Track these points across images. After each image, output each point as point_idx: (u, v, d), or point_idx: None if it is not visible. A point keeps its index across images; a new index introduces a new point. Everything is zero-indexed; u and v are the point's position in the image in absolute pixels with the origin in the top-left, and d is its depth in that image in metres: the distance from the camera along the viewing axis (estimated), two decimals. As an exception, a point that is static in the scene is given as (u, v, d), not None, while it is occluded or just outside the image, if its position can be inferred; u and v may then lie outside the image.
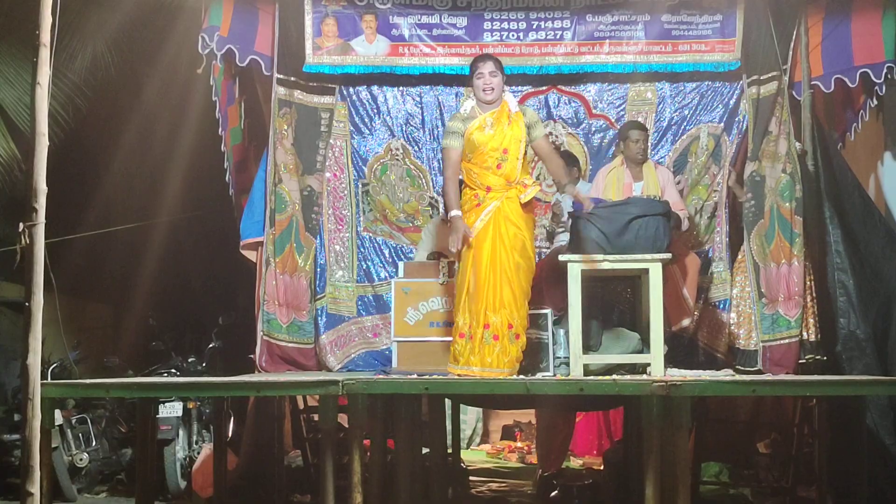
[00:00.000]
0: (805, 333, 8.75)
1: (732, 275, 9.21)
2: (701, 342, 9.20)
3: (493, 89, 7.71)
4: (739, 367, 8.80)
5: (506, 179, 7.61)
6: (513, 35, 9.32)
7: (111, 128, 11.67)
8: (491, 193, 7.60)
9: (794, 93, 9.10)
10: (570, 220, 8.14)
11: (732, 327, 9.11)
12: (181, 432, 10.22)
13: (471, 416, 13.89)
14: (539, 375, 7.75)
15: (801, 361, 8.67)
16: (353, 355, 9.32)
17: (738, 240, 9.29)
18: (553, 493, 9.34)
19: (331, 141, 9.56)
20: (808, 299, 8.80)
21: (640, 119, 9.40)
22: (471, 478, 10.80)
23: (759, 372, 8.67)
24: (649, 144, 9.28)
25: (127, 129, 11.63)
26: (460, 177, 7.79)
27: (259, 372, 8.98)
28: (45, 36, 6.20)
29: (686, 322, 8.77)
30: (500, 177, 7.61)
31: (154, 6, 9.55)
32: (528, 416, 13.56)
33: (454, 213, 7.59)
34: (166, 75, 10.57)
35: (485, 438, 14.24)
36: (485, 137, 7.63)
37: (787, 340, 8.78)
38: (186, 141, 10.80)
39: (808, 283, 8.83)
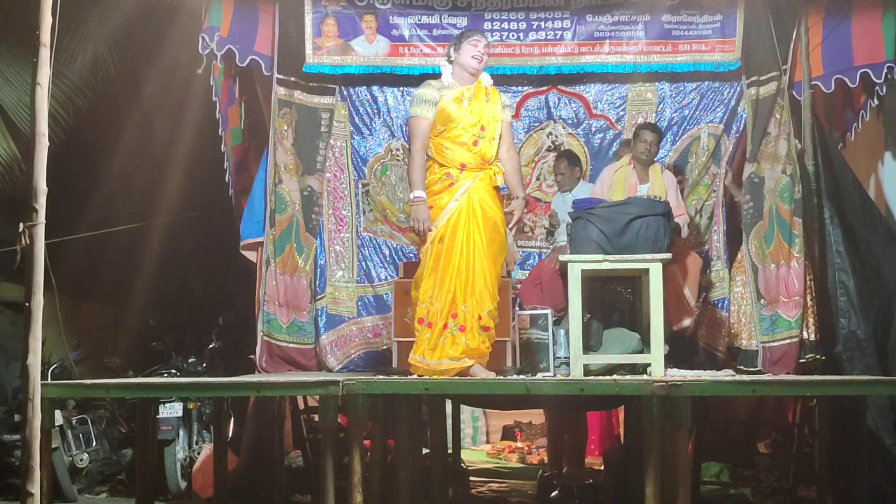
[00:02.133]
0: (805, 333, 8.75)
1: (732, 274, 9.22)
2: (701, 342, 9.20)
3: (482, 61, 7.45)
4: (741, 367, 8.81)
5: (481, 158, 7.36)
6: (513, 35, 9.32)
7: (111, 128, 11.68)
8: (465, 172, 7.34)
9: (794, 93, 9.11)
10: (571, 222, 8.12)
11: (733, 327, 9.12)
12: (181, 432, 10.21)
13: (467, 414, 13.88)
14: (539, 375, 7.75)
15: (801, 361, 8.67)
16: (353, 355, 9.33)
17: (736, 239, 9.30)
18: (553, 494, 9.33)
19: (331, 141, 9.56)
20: (808, 299, 8.80)
21: (640, 119, 9.46)
22: (471, 478, 10.79)
23: (760, 372, 8.68)
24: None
25: (127, 130, 11.64)
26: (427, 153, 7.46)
27: (259, 372, 8.99)
28: (45, 36, 6.19)
29: (687, 322, 8.77)
30: (476, 155, 7.34)
31: (154, 6, 9.56)
32: (528, 416, 13.56)
33: (418, 193, 7.30)
34: (166, 76, 10.58)
35: (490, 437, 14.22)
36: (462, 111, 7.37)
37: (787, 341, 8.79)
38: (186, 141, 10.81)
39: (808, 283, 8.83)
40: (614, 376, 7.38)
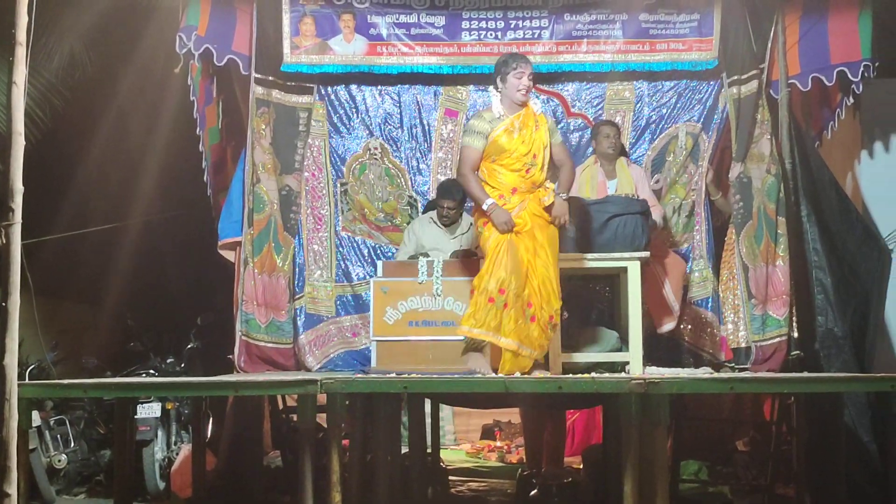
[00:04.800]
0: (792, 331, 8.81)
1: (719, 273, 9.24)
2: (684, 341, 9.21)
3: (528, 91, 7.62)
4: (735, 366, 8.82)
5: (532, 183, 7.52)
6: (491, 34, 9.32)
7: (88, 127, 11.61)
8: (516, 195, 7.49)
9: (771, 91, 9.15)
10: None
11: (722, 325, 9.13)
12: (160, 433, 10.17)
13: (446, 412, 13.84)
14: (517, 374, 7.75)
15: (788, 358, 8.73)
16: (331, 355, 9.30)
17: (717, 238, 9.32)
18: (532, 492, 9.34)
19: (309, 140, 9.54)
20: (793, 297, 8.85)
21: (617, 118, 9.46)
22: (450, 477, 10.78)
23: (745, 369, 8.71)
24: (627, 142, 9.34)
25: (104, 129, 11.57)
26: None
27: (238, 372, 8.97)
28: (21, 35, 6.16)
29: (670, 325, 8.76)
30: (528, 181, 7.50)
31: (131, 6, 9.52)
32: (507, 415, 13.56)
33: (490, 201, 7.47)
34: (144, 75, 10.53)
35: (462, 437, 14.16)
36: (514, 142, 7.51)
37: (776, 339, 8.88)
38: (164, 140, 10.77)
39: (792, 281, 8.88)
40: (592, 374, 7.38)
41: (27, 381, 8.66)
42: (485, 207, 7.49)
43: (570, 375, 7.40)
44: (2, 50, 6.79)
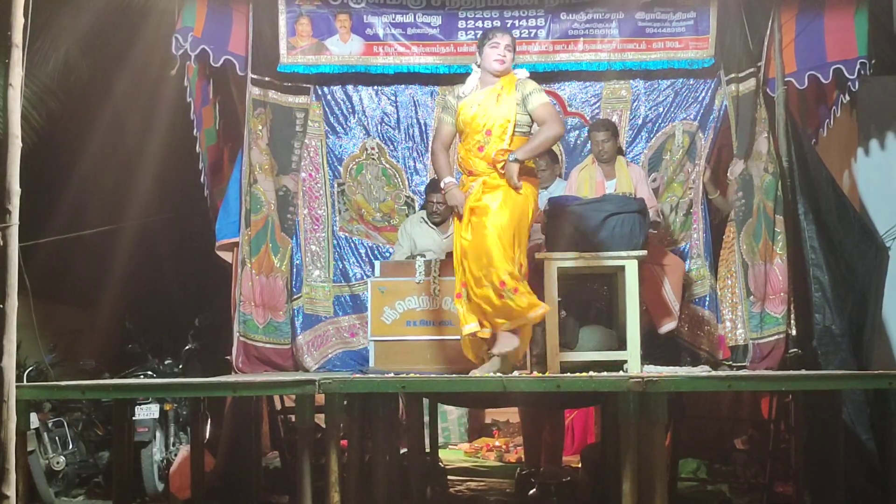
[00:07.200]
0: (790, 329, 8.81)
1: (717, 271, 9.24)
2: (682, 339, 9.21)
3: (504, 62, 7.36)
4: (734, 364, 8.83)
5: (487, 162, 7.30)
6: (487, 34, 9.31)
7: (84, 129, 11.60)
8: (471, 178, 7.37)
9: (767, 89, 9.15)
10: (547, 220, 8.13)
11: (720, 323, 9.14)
12: (158, 434, 10.16)
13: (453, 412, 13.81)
14: (515, 373, 7.75)
15: (786, 355, 8.74)
16: (330, 355, 9.31)
17: (715, 236, 9.33)
18: (531, 492, 9.34)
19: (306, 141, 9.56)
20: (791, 295, 8.85)
21: (614, 117, 9.47)
22: (449, 477, 10.77)
23: (744, 367, 8.71)
24: (623, 143, 9.33)
25: (100, 131, 11.56)
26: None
27: (236, 373, 8.97)
28: (17, 37, 6.16)
29: (671, 325, 8.73)
30: (483, 160, 7.31)
31: (127, 7, 9.52)
32: (506, 414, 13.55)
33: (447, 180, 7.43)
34: (140, 77, 10.52)
35: (474, 435, 14.11)
36: (469, 116, 7.35)
37: (774, 337, 8.89)
38: (160, 142, 10.75)
39: (790, 279, 8.89)
40: (590, 373, 7.37)
41: (25, 383, 8.66)
42: (442, 184, 7.51)
43: (568, 374, 7.39)
44: (-2, 52, 6.80)
